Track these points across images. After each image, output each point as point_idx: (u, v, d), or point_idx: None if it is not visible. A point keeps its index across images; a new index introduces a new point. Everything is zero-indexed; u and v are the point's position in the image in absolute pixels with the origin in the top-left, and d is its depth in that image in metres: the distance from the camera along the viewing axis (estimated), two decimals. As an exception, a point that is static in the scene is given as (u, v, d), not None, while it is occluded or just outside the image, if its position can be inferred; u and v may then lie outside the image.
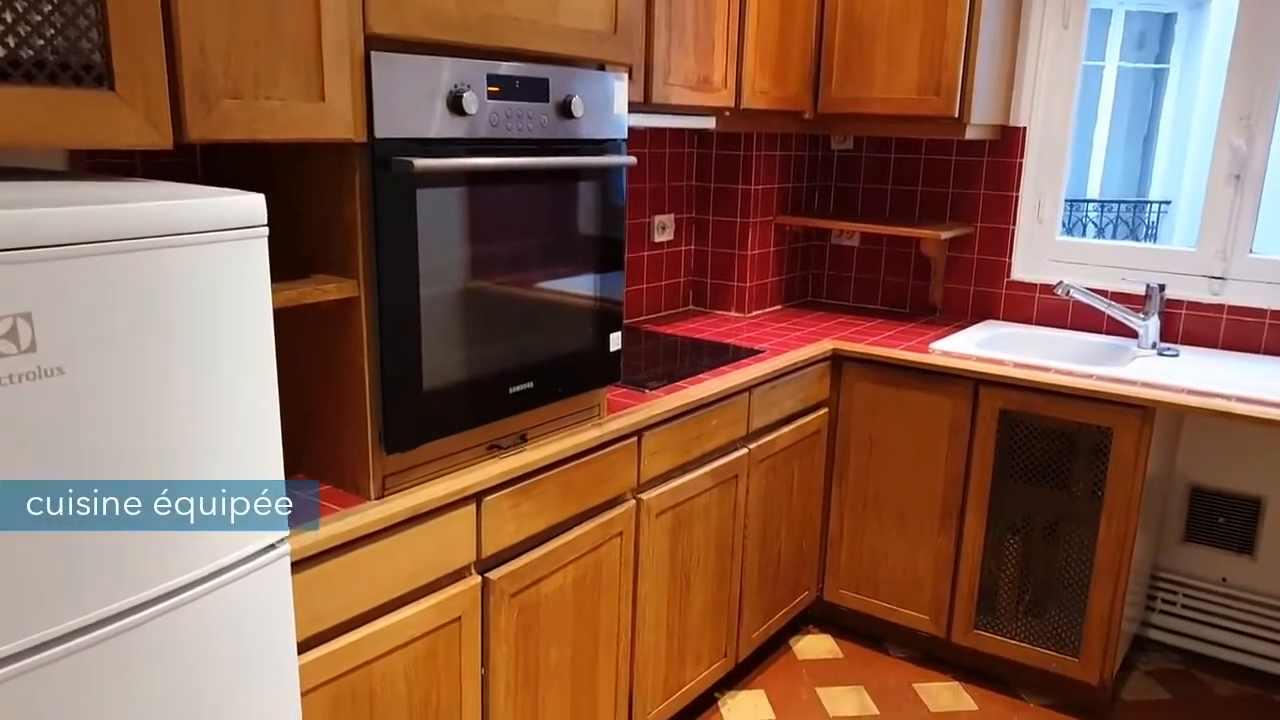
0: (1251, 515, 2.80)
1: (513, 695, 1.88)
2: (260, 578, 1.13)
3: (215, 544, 1.07)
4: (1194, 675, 2.85)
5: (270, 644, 1.19)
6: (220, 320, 1.08)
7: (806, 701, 2.68)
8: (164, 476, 1.02)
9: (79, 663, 0.95)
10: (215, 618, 1.09)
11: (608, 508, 2.06)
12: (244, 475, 1.10)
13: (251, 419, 1.12)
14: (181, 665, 1.07)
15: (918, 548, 2.78)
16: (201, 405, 1.06)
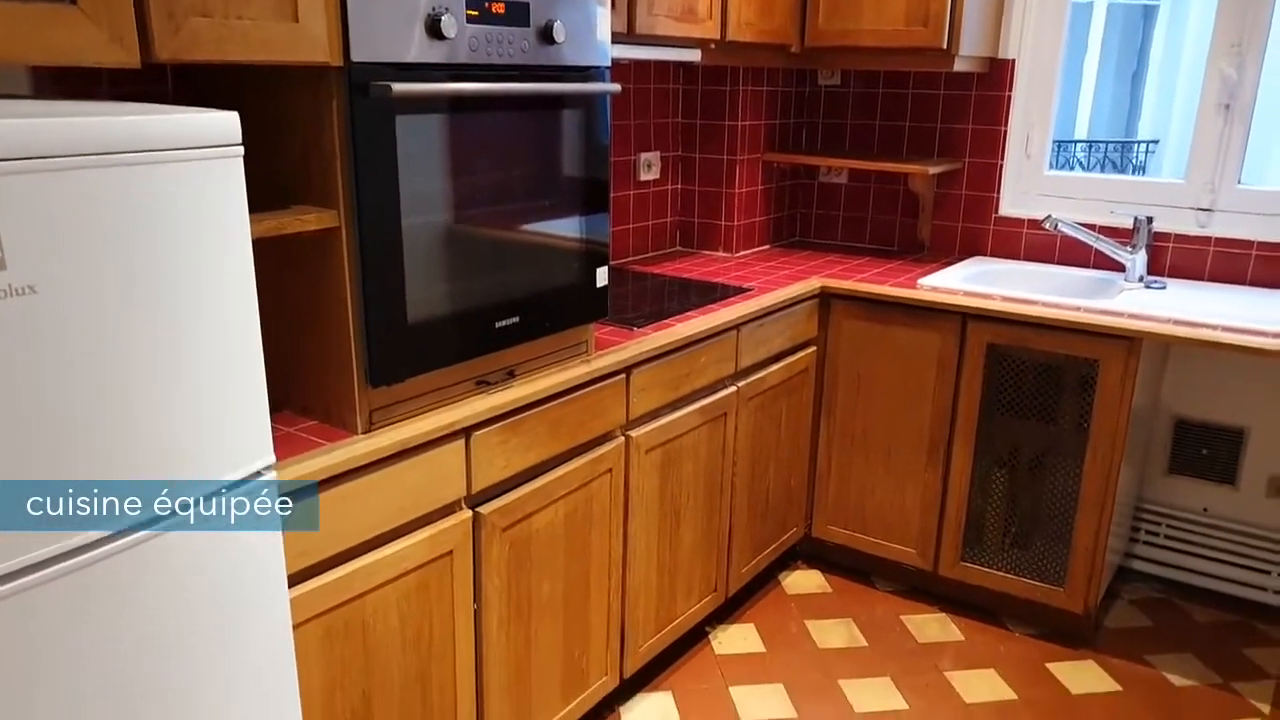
0: (1234, 446, 2.83)
1: (505, 628, 1.90)
2: (247, 506, 1.12)
3: (202, 470, 1.06)
4: (1175, 603, 2.90)
5: (260, 574, 1.18)
6: (198, 245, 1.06)
7: (796, 634, 2.72)
8: (143, 403, 1.00)
9: (67, 586, 0.95)
10: (204, 544, 1.08)
11: (597, 444, 2.06)
12: (228, 403, 1.09)
13: (234, 346, 1.10)
14: (173, 592, 1.06)
15: (905, 483, 2.80)
16: (181, 332, 1.04)
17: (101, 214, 0.94)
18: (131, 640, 1.03)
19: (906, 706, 2.43)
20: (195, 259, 1.05)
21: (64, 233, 0.91)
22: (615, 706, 2.39)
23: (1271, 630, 2.77)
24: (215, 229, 1.07)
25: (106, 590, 0.99)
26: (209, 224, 1.07)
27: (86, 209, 0.93)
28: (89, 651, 0.99)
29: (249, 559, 1.15)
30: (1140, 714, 2.41)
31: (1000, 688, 2.50)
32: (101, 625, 0.99)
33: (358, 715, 1.62)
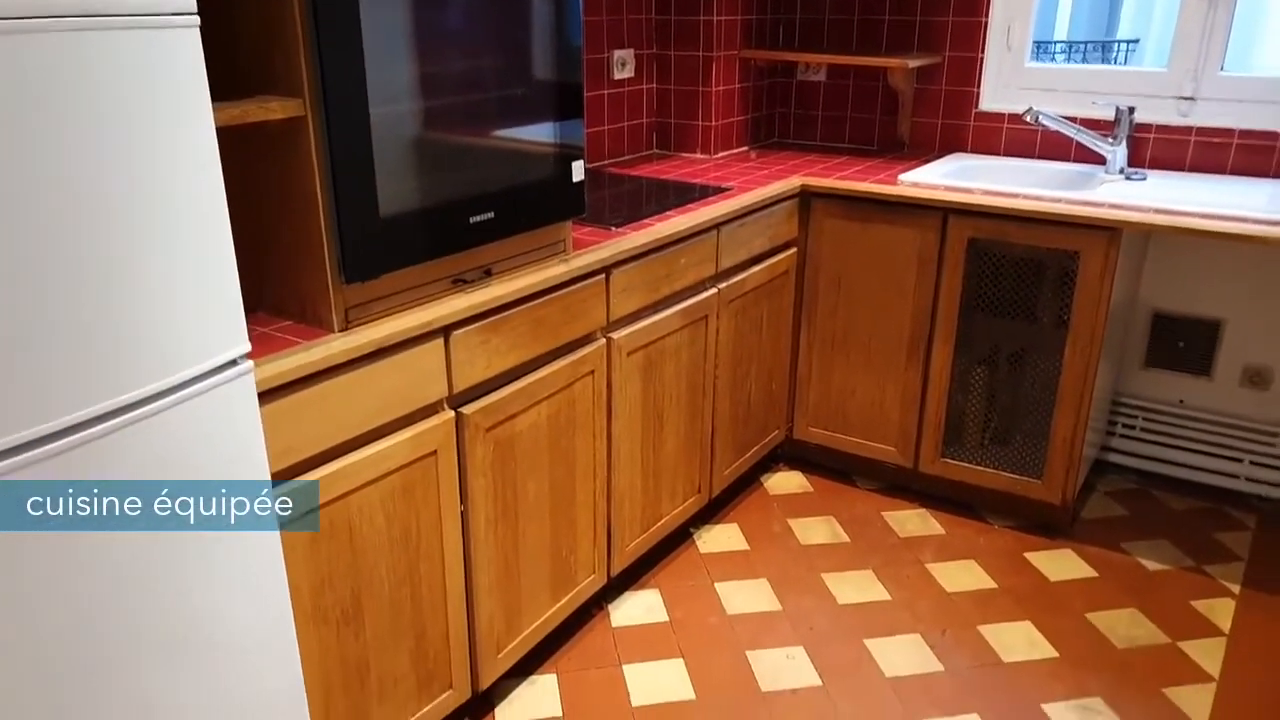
0: (1210, 338, 2.85)
1: (493, 528, 1.91)
2: (225, 394, 1.10)
3: (176, 358, 1.04)
4: (1150, 493, 2.96)
5: (241, 467, 1.17)
6: (157, 126, 1.01)
7: (779, 533, 2.76)
8: (113, 287, 0.97)
9: (48, 470, 0.93)
10: (185, 433, 1.06)
11: (578, 346, 2.04)
12: (199, 289, 1.06)
13: (201, 227, 1.06)
14: (156, 477, 1.04)
15: (886, 383, 2.81)
16: (147, 211, 1.00)
17: (49, 87, 0.89)
18: (121, 514, 1.02)
19: (889, 597, 2.48)
20: (155, 141, 1.01)
21: (10, 106, 0.87)
22: (603, 604, 2.43)
23: (1242, 516, 2.83)
24: (175, 105, 1.02)
25: (92, 469, 0.98)
26: (169, 102, 1.02)
27: (31, 83, 0.88)
28: (83, 519, 0.98)
29: (231, 450, 1.13)
30: (1116, 597, 2.47)
31: (980, 577, 2.56)
32: (92, 496, 0.98)
33: (348, 614, 1.63)
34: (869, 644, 2.30)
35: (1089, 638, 2.32)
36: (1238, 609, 2.43)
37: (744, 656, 2.26)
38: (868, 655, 2.27)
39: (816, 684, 2.17)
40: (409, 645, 1.77)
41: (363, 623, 1.66)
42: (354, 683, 1.68)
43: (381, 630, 1.70)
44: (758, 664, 2.23)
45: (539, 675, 2.19)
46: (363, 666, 1.69)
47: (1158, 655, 2.26)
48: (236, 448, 1.15)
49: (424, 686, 1.83)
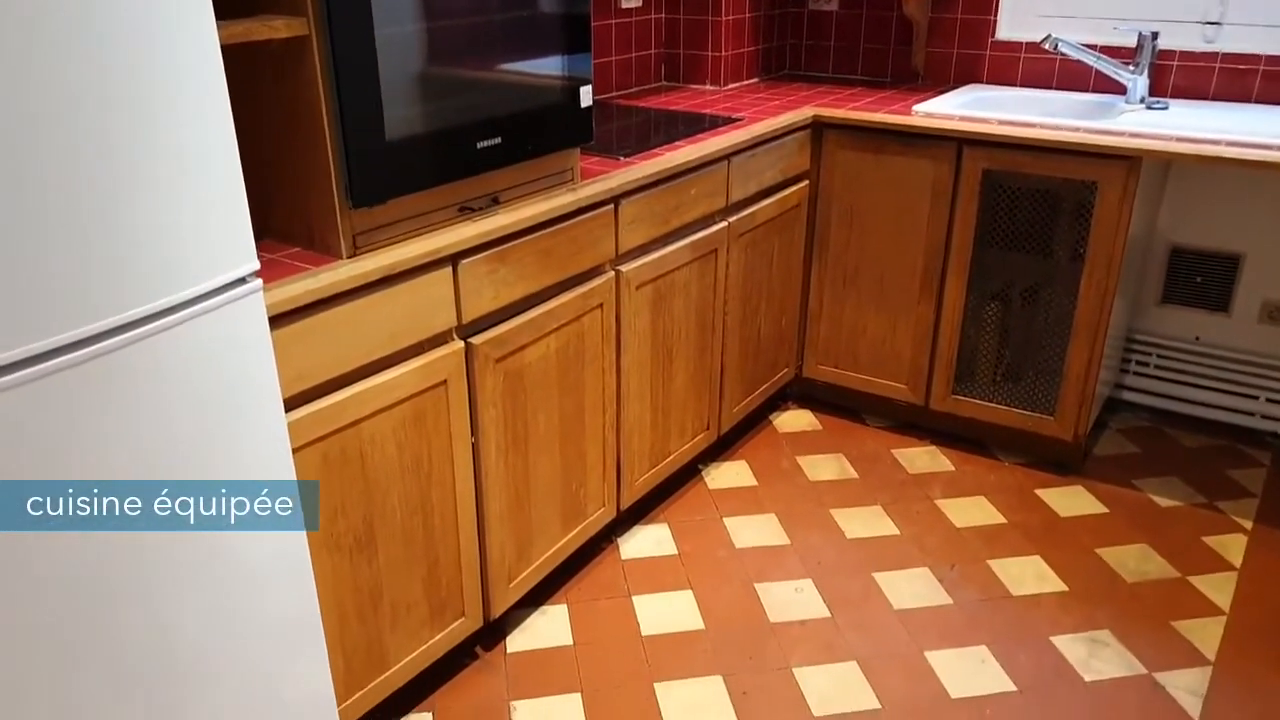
0: (1229, 272, 2.81)
1: (504, 458, 1.91)
2: (236, 313, 1.09)
3: (185, 274, 1.02)
4: (1163, 431, 2.95)
5: (255, 389, 1.16)
6: (162, 40, 0.98)
7: (787, 469, 2.76)
8: (120, 206, 0.95)
9: (61, 383, 0.92)
10: (195, 352, 1.05)
11: (587, 278, 2.02)
12: (207, 206, 1.04)
13: (207, 152, 1.04)
14: (168, 400, 1.04)
15: (897, 319, 2.79)
16: (152, 127, 0.98)
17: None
18: (133, 447, 1.01)
19: (897, 532, 2.48)
20: (161, 50, 0.99)
21: (16, 19, 0.84)
22: (613, 537, 2.44)
23: (1256, 453, 2.82)
24: (179, 18, 1.00)
25: (97, 395, 0.97)
26: (172, 12, 0.99)
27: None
28: (97, 444, 0.98)
29: (242, 370, 1.13)
30: (1127, 533, 2.47)
31: (990, 513, 2.56)
32: (96, 429, 0.97)
33: (360, 540, 1.64)
34: (877, 577, 2.31)
35: (1098, 572, 2.33)
36: (1249, 544, 2.43)
37: (752, 589, 2.27)
38: (876, 588, 2.28)
39: (825, 616, 2.19)
40: (421, 573, 1.79)
41: (375, 550, 1.67)
42: (367, 609, 1.69)
43: (394, 558, 1.71)
44: (766, 596, 2.25)
45: (550, 605, 2.21)
46: (376, 593, 1.70)
47: (1167, 589, 2.27)
48: (249, 368, 1.14)
49: (436, 614, 1.85)
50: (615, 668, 2.03)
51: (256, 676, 1.26)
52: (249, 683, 1.25)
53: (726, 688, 1.98)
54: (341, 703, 1.68)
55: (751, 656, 2.06)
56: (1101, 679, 2.00)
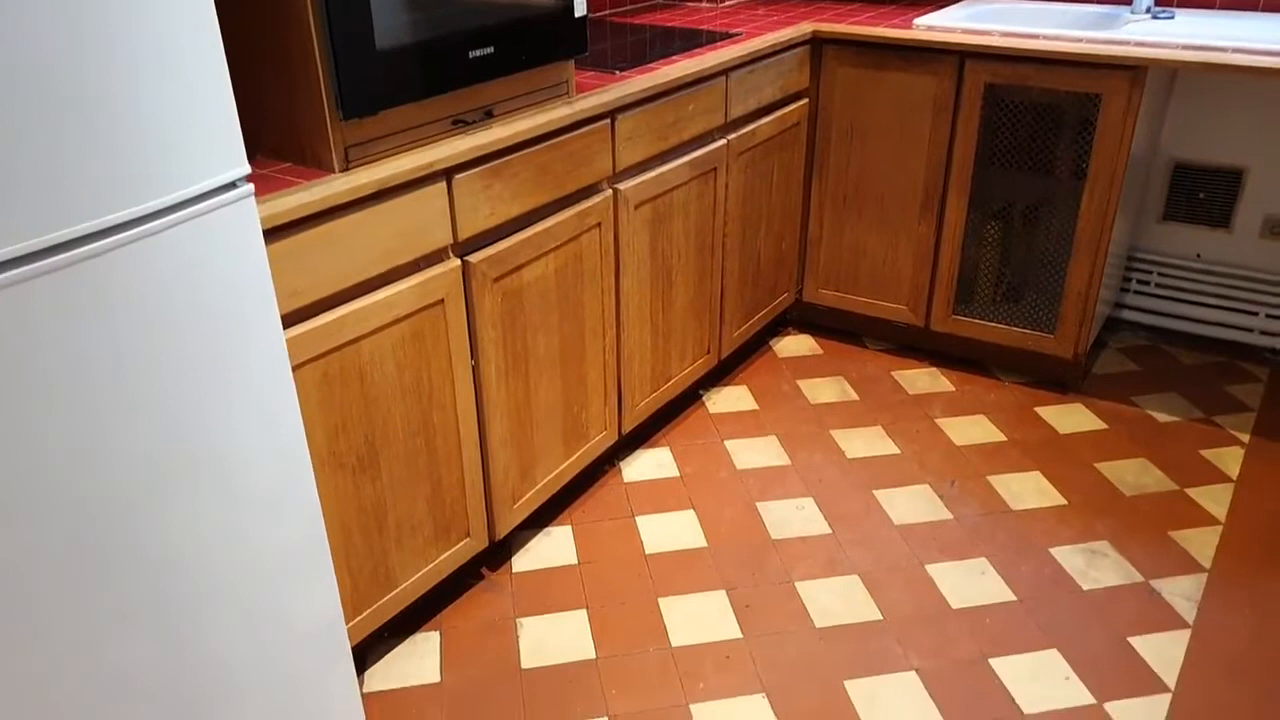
0: (1232, 187, 2.78)
1: (504, 380, 1.90)
2: (228, 219, 1.07)
3: (173, 177, 1.00)
4: (1163, 349, 2.95)
5: (251, 302, 1.15)
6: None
7: (788, 393, 2.76)
8: (102, 105, 0.93)
9: (50, 285, 0.91)
10: (186, 261, 1.04)
11: (584, 196, 2.00)
12: (192, 111, 1.01)
13: (193, 54, 1.01)
14: (161, 311, 1.02)
15: (898, 239, 2.76)
16: (133, 33, 0.95)
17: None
18: (130, 345, 1.00)
19: (898, 451, 2.49)
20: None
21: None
22: (615, 461, 2.45)
23: (1254, 369, 2.82)
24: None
25: (87, 300, 0.96)
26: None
27: None
28: (86, 354, 0.97)
29: (236, 280, 1.11)
30: (1126, 447, 2.48)
31: (990, 431, 2.57)
32: (87, 335, 0.96)
33: (363, 459, 1.64)
34: (878, 495, 2.33)
35: (1098, 486, 2.34)
36: (1246, 457, 2.44)
37: (754, 508, 2.29)
38: (877, 505, 2.29)
39: (826, 532, 2.20)
40: (425, 493, 1.79)
41: (378, 469, 1.68)
42: (372, 527, 1.70)
43: (397, 477, 1.72)
44: (768, 514, 2.26)
45: (554, 527, 2.22)
46: (380, 512, 1.71)
47: (1165, 501, 2.28)
48: (244, 280, 1.13)
49: (442, 533, 1.86)
50: (620, 585, 2.05)
51: (265, 597, 1.27)
52: (257, 603, 1.26)
53: (730, 601, 2.00)
54: (349, 620, 1.70)
55: (754, 572, 2.08)
56: (1099, 587, 2.03)
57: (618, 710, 1.75)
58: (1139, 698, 1.76)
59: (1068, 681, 1.80)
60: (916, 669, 1.83)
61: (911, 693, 1.78)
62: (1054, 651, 1.87)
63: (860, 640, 1.90)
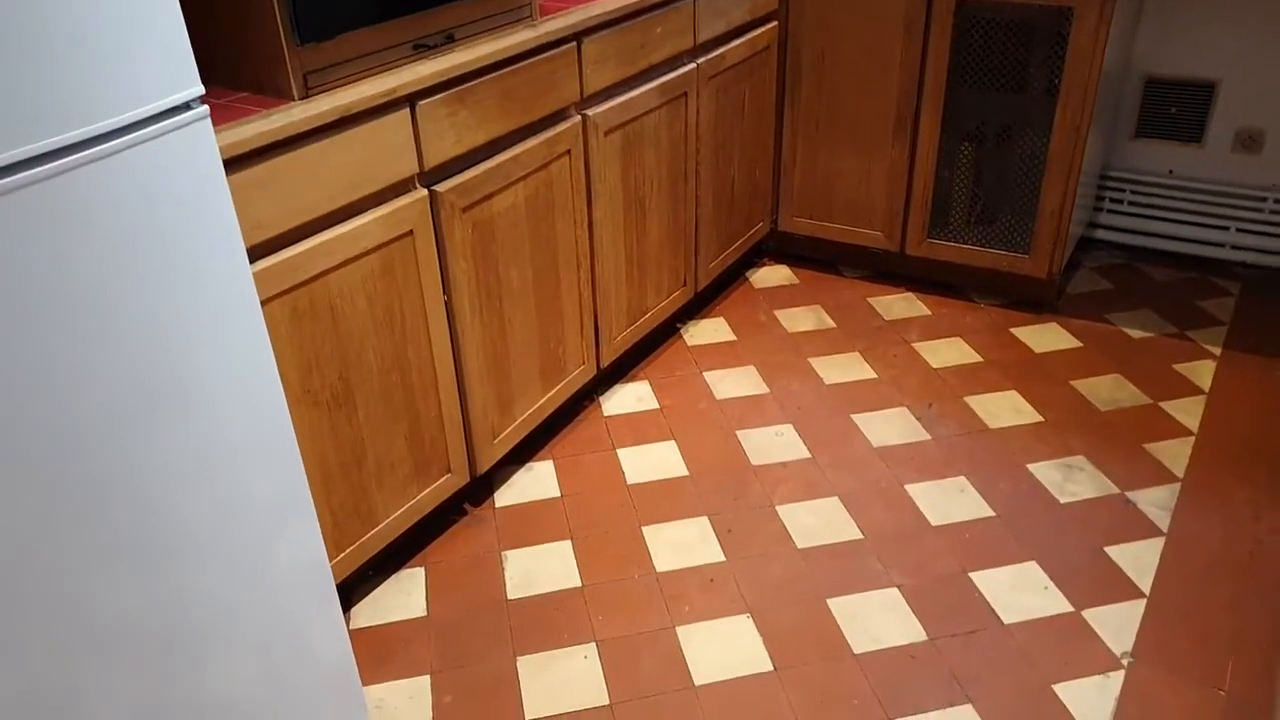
0: (1203, 101, 2.77)
1: (478, 314, 1.88)
2: (182, 144, 1.03)
3: (122, 97, 0.96)
4: (1136, 267, 2.96)
5: (213, 233, 1.11)
6: None
7: (765, 323, 2.75)
8: (36, 21, 0.89)
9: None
10: (141, 188, 1.00)
11: (552, 122, 1.96)
12: (139, 28, 0.97)
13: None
14: (121, 237, 0.99)
15: (871, 163, 2.74)
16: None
17: None
18: (90, 276, 0.97)
19: (875, 375, 2.50)
20: None
21: None
22: (594, 396, 2.44)
23: (1226, 283, 2.84)
24: None
25: (37, 226, 0.92)
26: None
27: None
28: (49, 277, 0.94)
29: (195, 205, 1.08)
30: (1100, 364, 2.50)
31: (966, 352, 2.58)
32: (53, 250, 0.93)
33: (338, 396, 1.62)
34: (856, 419, 2.34)
35: (1073, 403, 2.36)
36: (1218, 369, 2.47)
37: (734, 436, 2.29)
38: (855, 429, 2.31)
39: (806, 456, 2.22)
40: (403, 429, 1.78)
41: (354, 406, 1.66)
42: (351, 464, 1.69)
43: (374, 414, 1.70)
44: (748, 442, 2.27)
45: (535, 462, 2.22)
46: (359, 449, 1.69)
47: (1139, 415, 2.31)
48: (206, 208, 1.09)
49: (422, 470, 1.85)
50: (603, 515, 2.06)
51: (246, 535, 1.25)
52: (239, 541, 1.24)
53: (712, 527, 2.01)
54: (331, 558, 1.70)
55: (735, 497, 2.09)
56: (1076, 500, 2.06)
57: (604, 635, 1.77)
58: (1115, 604, 1.80)
59: (1046, 591, 1.83)
60: (898, 585, 1.86)
61: (893, 608, 1.81)
62: (1032, 563, 1.90)
63: (841, 559, 1.92)
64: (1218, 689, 1.63)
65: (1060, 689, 1.64)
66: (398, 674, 1.70)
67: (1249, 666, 1.66)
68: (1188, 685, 1.63)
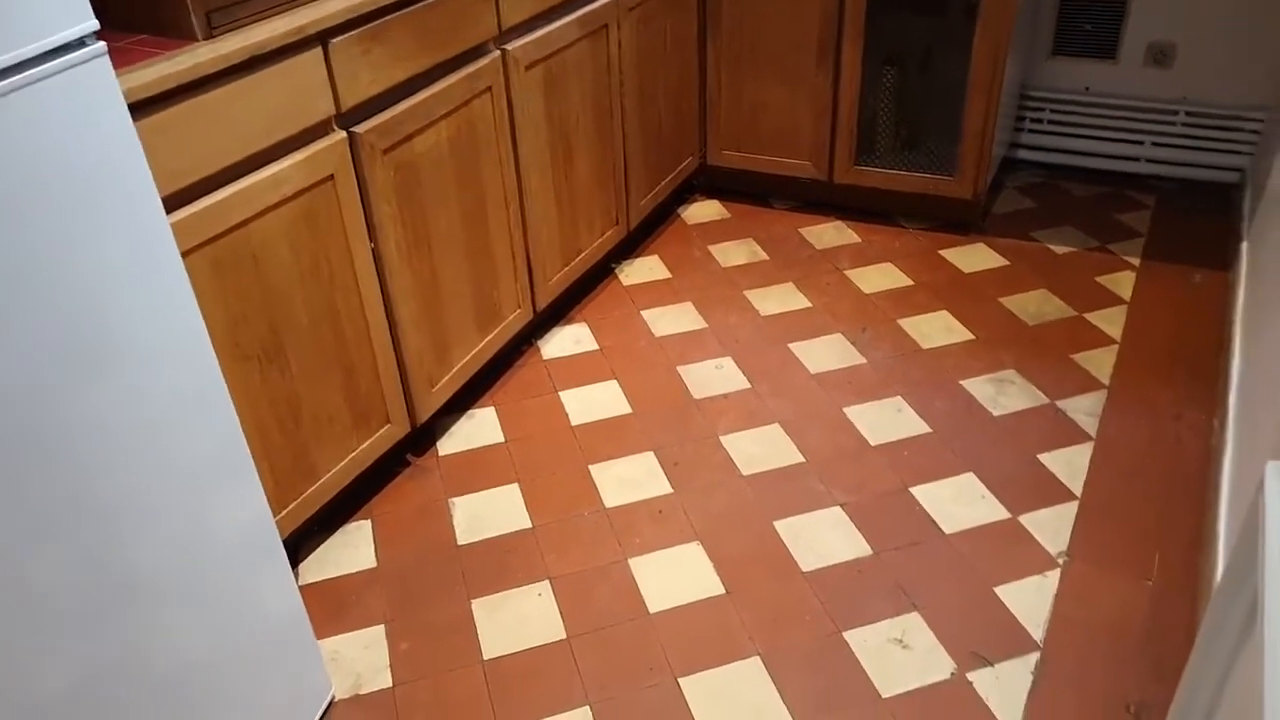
0: (1116, 17, 2.82)
1: (407, 260, 1.84)
2: (79, 86, 0.97)
3: (5, 35, 0.90)
4: (1057, 184, 3.02)
5: (124, 179, 1.06)
6: None
7: (699, 259, 2.75)
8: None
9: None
10: (42, 128, 0.95)
11: (471, 58, 1.91)
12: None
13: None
14: (22, 185, 0.94)
15: (796, 93, 2.73)
16: None
17: None
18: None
19: (810, 304, 2.52)
20: None
21: None
22: (533, 341, 2.42)
23: (1142, 196, 2.92)
24: None
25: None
26: None
27: None
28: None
29: (102, 150, 1.02)
30: (1027, 281, 2.56)
31: (897, 277, 2.62)
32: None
33: (269, 350, 1.58)
34: (793, 347, 2.36)
35: (1002, 319, 2.42)
36: (1138, 279, 2.54)
37: (675, 371, 2.30)
38: (793, 357, 2.33)
39: (746, 387, 2.24)
40: (339, 381, 1.74)
41: (286, 360, 1.62)
42: (288, 421, 1.65)
43: (308, 367, 1.66)
44: (688, 376, 2.28)
45: (477, 410, 2.20)
46: (294, 404, 1.66)
47: (1066, 327, 2.38)
48: (114, 156, 1.04)
49: (361, 422, 1.82)
50: (549, 456, 2.05)
51: (186, 497, 1.22)
52: (178, 503, 1.21)
53: (658, 460, 2.03)
54: (274, 516, 1.67)
55: (679, 431, 2.11)
56: (1008, 412, 2.11)
57: (558, 572, 1.78)
58: (1049, 508, 1.86)
59: (984, 500, 1.89)
60: (841, 504, 1.90)
61: (838, 525, 1.85)
62: (970, 475, 1.95)
63: (785, 483, 1.95)
64: (1146, 580, 1.70)
65: (1001, 590, 1.70)
66: (352, 625, 1.69)
67: (1174, 557, 1.74)
68: (1119, 578, 1.71)
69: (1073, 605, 1.66)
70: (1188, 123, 2.86)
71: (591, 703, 1.54)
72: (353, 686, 1.59)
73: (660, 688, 1.55)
